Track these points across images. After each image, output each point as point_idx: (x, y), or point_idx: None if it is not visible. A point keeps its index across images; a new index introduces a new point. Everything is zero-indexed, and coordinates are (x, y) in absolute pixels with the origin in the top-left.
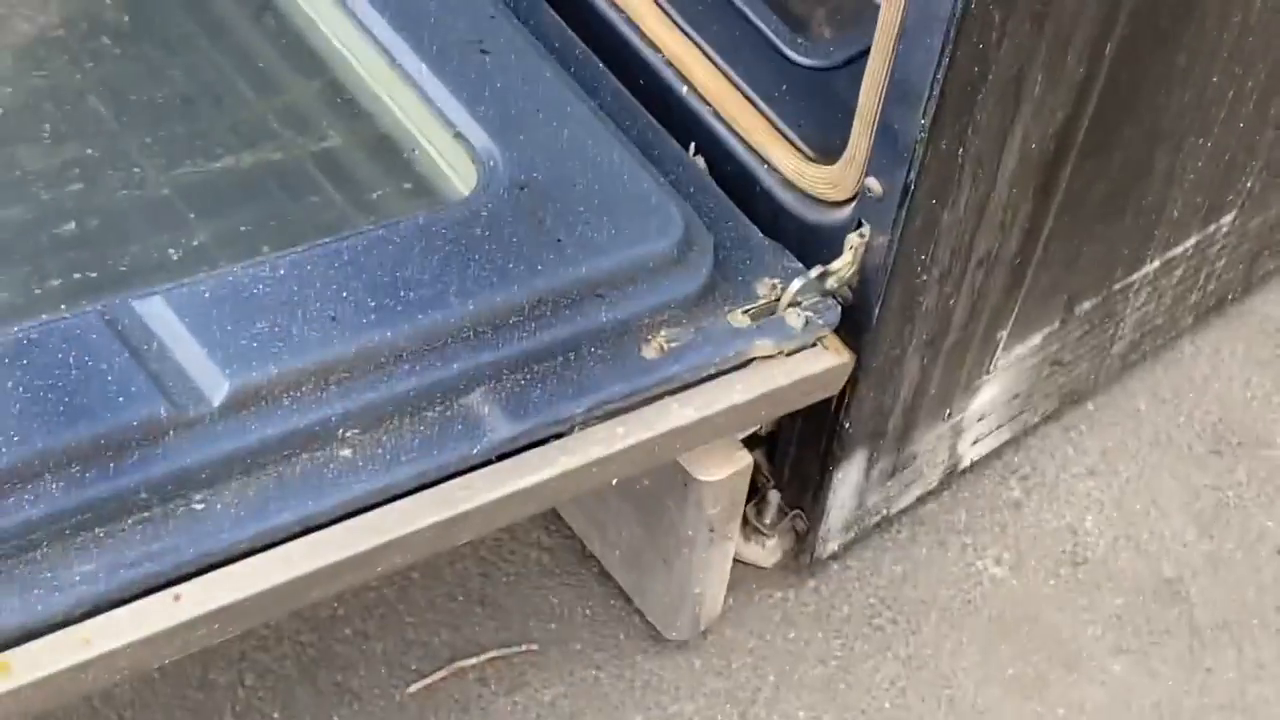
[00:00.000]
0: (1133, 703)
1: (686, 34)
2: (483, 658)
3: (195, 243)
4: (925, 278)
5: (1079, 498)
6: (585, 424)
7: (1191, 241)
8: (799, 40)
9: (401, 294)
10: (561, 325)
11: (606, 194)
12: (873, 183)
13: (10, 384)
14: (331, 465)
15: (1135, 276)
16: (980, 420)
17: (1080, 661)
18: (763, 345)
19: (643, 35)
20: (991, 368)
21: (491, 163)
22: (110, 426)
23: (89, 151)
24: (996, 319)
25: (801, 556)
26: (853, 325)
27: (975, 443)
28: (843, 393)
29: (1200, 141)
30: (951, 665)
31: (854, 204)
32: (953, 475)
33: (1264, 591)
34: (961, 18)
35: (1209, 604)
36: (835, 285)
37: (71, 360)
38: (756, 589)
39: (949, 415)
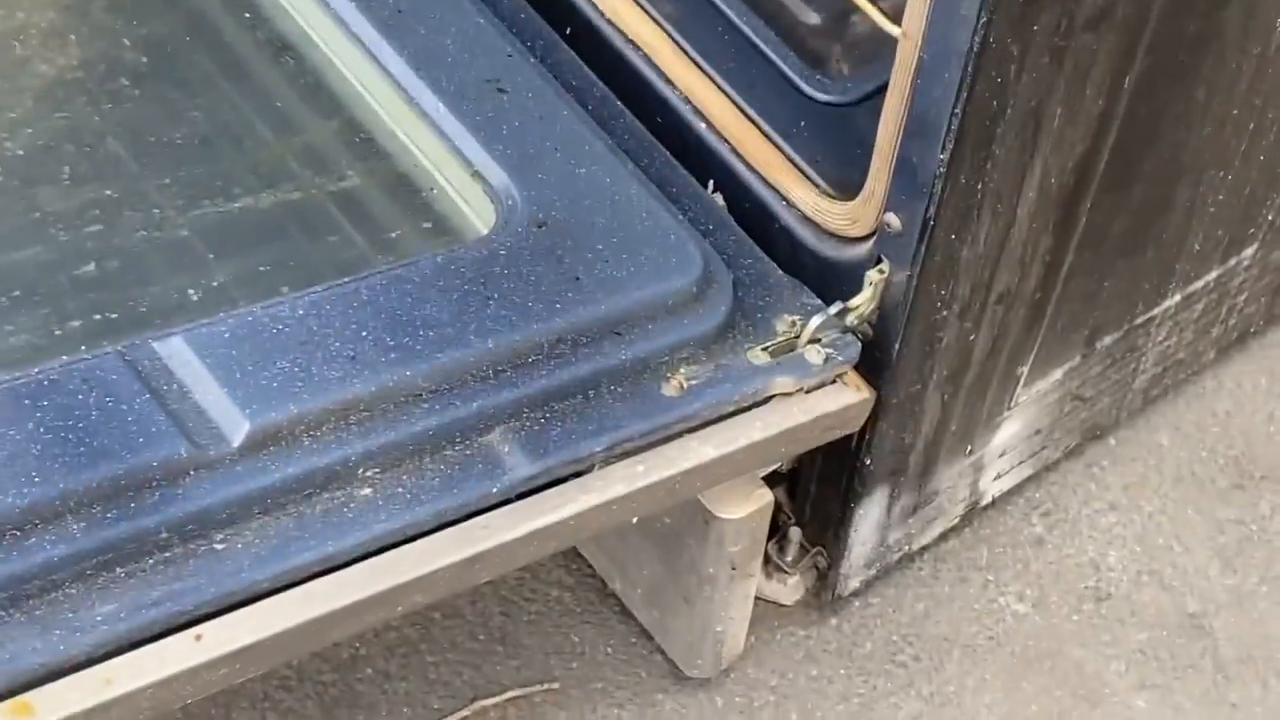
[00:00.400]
0: None
1: (704, 71)
2: (504, 697)
3: (215, 283)
4: (945, 313)
5: (1101, 533)
6: (605, 462)
7: (1212, 275)
8: (817, 76)
9: (421, 333)
10: (581, 363)
11: (625, 232)
12: (892, 218)
13: (31, 425)
14: (351, 505)
15: (1156, 311)
16: (1002, 456)
17: (1104, 698)
18: (783, 382)
19: (660, 73)
20: (1013, 403)
21: (510, 201)
22: (131, 467)
23: (108, 193)
24: (1017, 354)
25: (823, 594)
26: (873, 362)
27: (997, 479)
28: (863, 429)
29: (1220, 174)
30: (974, 702)
31: (873, 240)
32: (974, 511)
33: None
34: (980, 52)
35: (1233, 639)
36: (855, 321)
37: (92, 401)
38: (778, 627)
39: (970, 451)
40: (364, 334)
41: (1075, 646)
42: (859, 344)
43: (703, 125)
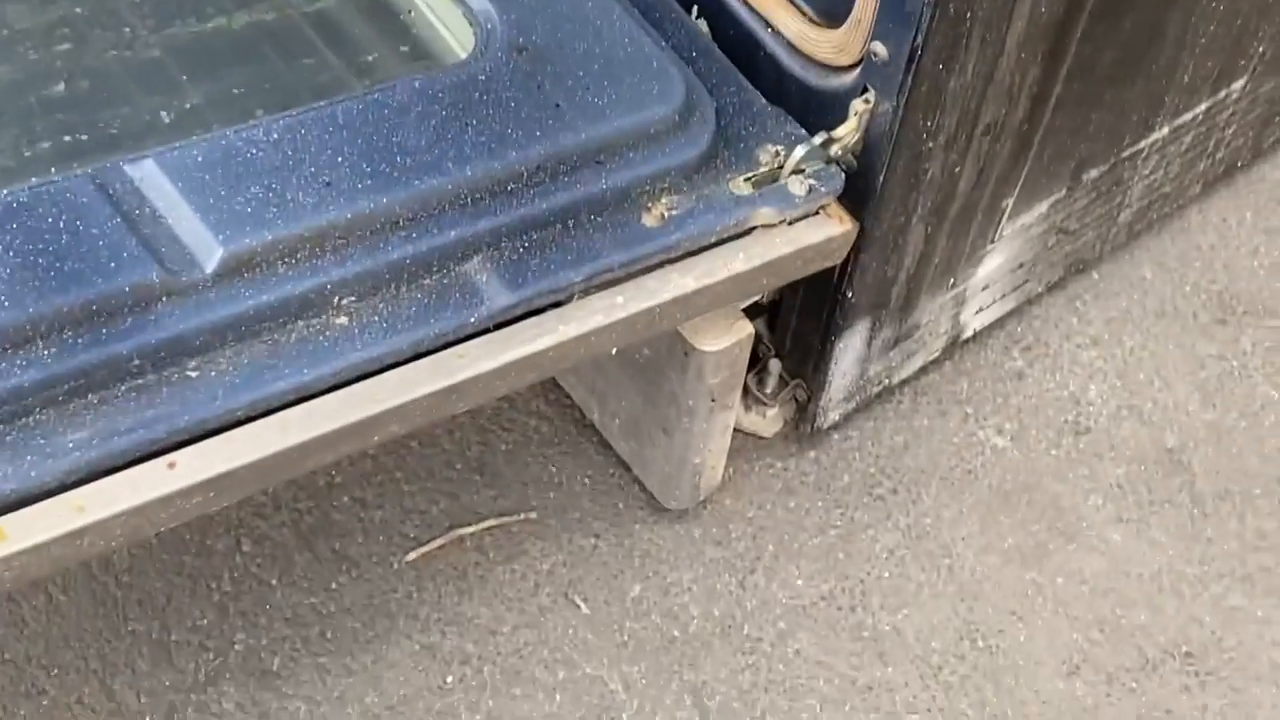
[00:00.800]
0: (1132, 572)
1: None
2: (481, 526)
3: (187, 105)
4: (931, 145)
5: (1082, 367)
6: (584, 292)
7: (1201, 108)
8: None
9: (397, 159)
10: (560, 192)
11: (607, 58)
12: (878, 47)
13: (0, 248)
14: (327, 333)
15: (1144, 144)
16: (984, 290)
17: (1080, 531)
18: (765, 213)
19: None
20: (996, 237)
21: (489, 25)
22: (102, 292)
23: (77, 10)
24: (1002, 187)
25: (802, 426)
26: (856, 193)
27: (979, 312)
28: (846, 262)
29: (1212, 4)
30: (951, 534)
31: (859, 69)
32: (955, 345)
33: (1267, 461)
34: None
35: (1211, 474)
36: (839, 152)
37: (62, 224)
38: (757, 459)
39: (953, 285)
40: (340, 159)
41: (1053, 480)
42: (843, 175)
43: None
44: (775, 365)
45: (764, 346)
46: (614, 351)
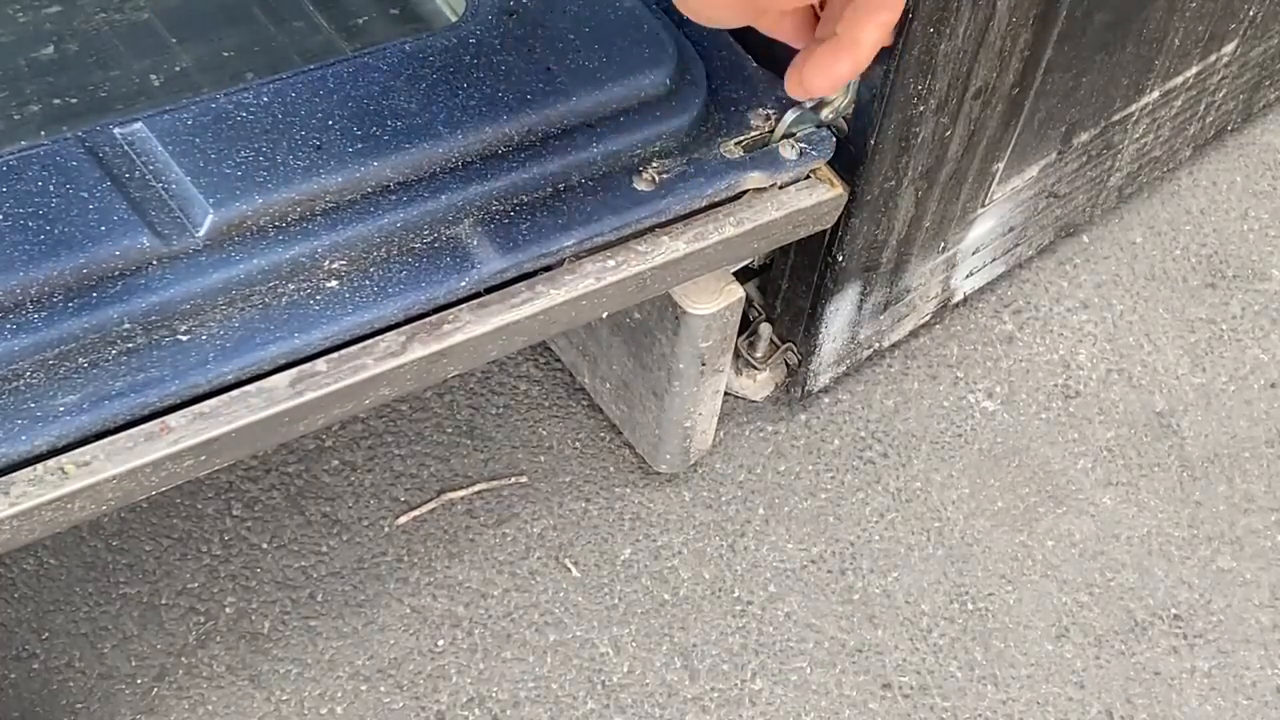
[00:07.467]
0: (1122, 535)
1: None
2: (471, 490)
3: (177, 68)
4: (921, 109)
5: (1072, 331)
6: (575, 257)
7: (1192, 71)
8: None
9: (388, 123)
10: (552, 156)
11: (598, 21)
12: None
13: None
14: (318, 297)
15: (1134, 107)
16: (975, 253)
17: (1070, 494)
18: (756, 177)
19: None
20: (987, 200)
21: None
22: (92, 256)
23: None
24: (993, 151)
25: (793, 390)
26: (847, 158)
27: (969, 276)
28: (836, 226)
29: None
30: (941, 498)
31: None
32: (946, 309)
33: (1256, 424)
34: None
35: (1200, 437)
36: (830, 116)
37: (51, 188)
38: (747, 422)
39: (943, 248)
40: (330, 123)
41: (1043, 444)
42: (833, 139)
43: None
44: (766, 329)
45: (755, 310)
46: (605, 316)
